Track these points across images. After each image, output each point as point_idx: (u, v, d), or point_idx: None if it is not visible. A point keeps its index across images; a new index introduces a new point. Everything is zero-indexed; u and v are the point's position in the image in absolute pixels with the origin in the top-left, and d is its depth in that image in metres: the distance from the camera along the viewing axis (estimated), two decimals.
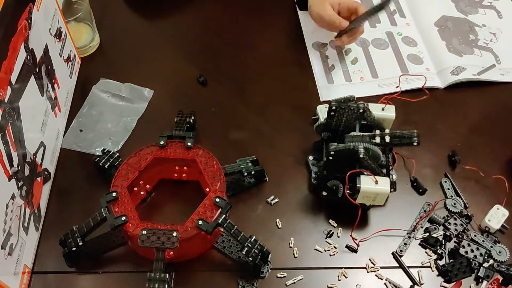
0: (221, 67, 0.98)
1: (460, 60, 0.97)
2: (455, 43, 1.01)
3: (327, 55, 1.00)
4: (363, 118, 0.76)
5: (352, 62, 0.99)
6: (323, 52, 1.01)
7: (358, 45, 1.01)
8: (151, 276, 0.66)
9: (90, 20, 0.98)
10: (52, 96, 0.82)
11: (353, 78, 0.96)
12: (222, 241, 0.76)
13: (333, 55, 1.00)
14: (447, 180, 0.82)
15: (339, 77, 0.97)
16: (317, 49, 1.01)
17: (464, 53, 0.99)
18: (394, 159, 0.83)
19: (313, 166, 0.82)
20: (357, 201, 0.71)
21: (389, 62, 0.99)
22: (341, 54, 1.00)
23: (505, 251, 0.74)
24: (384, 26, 1.05)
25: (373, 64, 0.98)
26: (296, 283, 0.73)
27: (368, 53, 1.00)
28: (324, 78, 0.96)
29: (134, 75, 0.96)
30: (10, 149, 0.65)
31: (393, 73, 0.97)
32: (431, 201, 0.80)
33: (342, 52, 1.01)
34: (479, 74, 0.95)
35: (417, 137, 0.71)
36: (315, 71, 0.97)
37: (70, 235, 0.71)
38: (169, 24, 1.06)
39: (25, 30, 0.71)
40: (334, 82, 0.96)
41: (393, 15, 1.07)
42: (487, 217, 0.77)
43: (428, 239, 0.76)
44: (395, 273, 0.74)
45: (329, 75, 0.97)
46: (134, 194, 0.78)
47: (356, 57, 1.00)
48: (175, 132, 0.79)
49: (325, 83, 0.95)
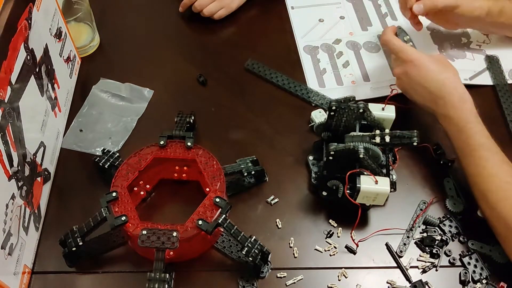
0: (221, 67, 0.98)
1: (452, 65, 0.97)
2: (447, 47, 1.00)
3: (318, 59, 0.99)
4: (363, 118, 0.76)
5: (343, 65, 0.98)
6: (314, 55, 1.00)
7: (349, 49, 1.01)
8: (151, 276, 0.66)
9: (90, 20, 0.98)
10: (52, 96, 0.82)
11: (345, 82, 0.96)
12: (222, 241, 0.76)
13: (324, 58, 0.99)
14: (450, 180, 0.82)
15: (331, 80, 0.96)
16: (308, 52, 1.01)
17: (456, 58, 0.98)
18: (396, 158, 0.82)
19: (313, 166, 0.82)
20: (357, 201, 0.71)
21: (380, 66, 0.98)
22: (332, 58, 0.99)
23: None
24: (376, 29, 1.04)
25: (365, 68, 0.98)
26: (296, 283, 0.73)
27: (359, 56, 1.00)
28: (315, 81, 0.96)
29: (134, 75, 0.96)
30: (10, 149, 0.65)
31: (385, 76, 0.96)
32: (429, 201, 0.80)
33: (333, 55, 1.00)
34: (471, 79, 0.94)
35: (417, 137, 0.71)
36: (307, 74, 0.97)
37: (70, 235, 0.71)
38: (169, 24, 1.06)
39: (25, 30, 0.71)
40: (325, 86, 0.95)
41: (385, 18, 1.06)
42: None
43: (424, 240, 0.76)
44: (395, 273, 0.74)
45: (321, 79, 0.96)
46: (134, 194, 0.78)
47: (347, 60, 0.99)
48: (175, 132, 0.79)
49: (316, 87, 0.95)
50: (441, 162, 0.83)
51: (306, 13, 1.08)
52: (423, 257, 0.75)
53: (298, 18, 1.06)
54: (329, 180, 0.75)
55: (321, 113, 0.88)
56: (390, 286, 0.73)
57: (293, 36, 1.03)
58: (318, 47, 1.01)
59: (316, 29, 1.05)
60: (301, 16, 1.07)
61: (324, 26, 1.06)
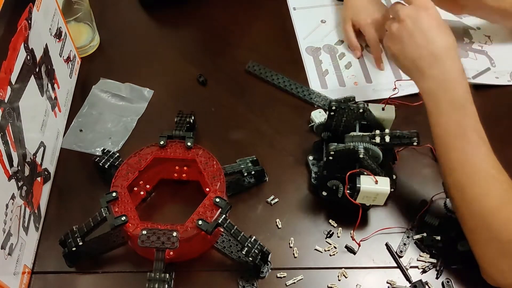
0: (221, 67, 0.98)
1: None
2: None
3: (321, 60, 0.99)
4: (363, 118, 0.76)
5: (346, 67, 0.98)
6: (316, 56, 1.00)
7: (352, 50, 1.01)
8: (151, 276, 0.66)
9: (90, 20, 0.98)
10: (52, 96, 0.82)
11: (347, 83, 0.96)
12: (222, 241, 0.76)
13: (326, 59, 0.99)
14: None
15: (333, 82, 0.96)
16: (310, 53, 1.01)
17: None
18: (395, 158, 0.82)
19: (313, 166, 0.82)
20: (357, 201, 0.71)
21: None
22: (334, 59, 0.99)
23: None
24: None
25: (367, 69, 0.98)
26: (296, 283, 0.73)
27: (362, 58, 1.00)
28: (318, 82, 0.95)
29: (134, 75, 0.96)
30: (10, 149, 0.65)
31: (387, 78, 0.96)
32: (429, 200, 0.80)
33: (336, 56, 1.00)
34: (474, 78, 0.94)
35: (417, 137, 0.71)
36: (309, 75, 0.97)
37: (70, 235, 0.71)
38: (169, 24, 1.06)
39: (25, 30, 0.71)
40: (328, 87, 0.95)
41: None
42: None
43: (424, 240, 0.76)
44: (395, 273, 0.74)
45: (323, 80, 0.96)
46: (134, 194, 0.78)
47: (350, 61, 0.99)
48: (175, 132, 0.79)
49: (319, 88, 0.95)
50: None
51: (308, 14, 1.08)
52: (423, 257, 0.75)
53: (300, 19, 1.06)
54: (329, 180, 0.75)
55: (321, 113, 0.88)
56: (390, 286, 0.73)
57: (295, 37, 1.03)
58: (320, 48, 1.01)
59: (318, 30, 1.05)
60: (303, 17, 1.07)
61: (326, 27, 1.06)
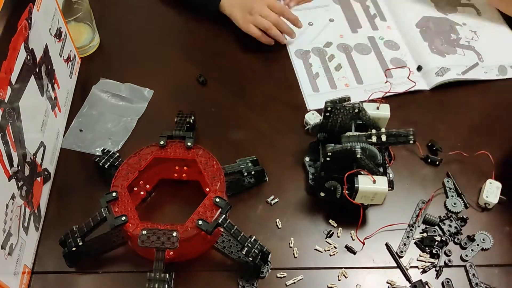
0: (221, 67, 0.98)
1: (444, 61, 0.97)
2: (437, 43, 1.00)
3: (310, 63, 0.99)
4: (359, 118, 0.76)
5: (336, 68, 0.98)
6: (306, 59, 1.00)
7: (341, 51, 1.01)
8: (151, 276, 0.66)
9: (90, 20, 0.98)
10: (52, 96, 0.82)
11: (338, 85, 0.95)
12: (222, 241, 0.76)
13: (316, 62, 0.99)
14: (450, 180, 0.82)
15: (324, 84, 0.96)
16: (300, 57, 1.00)
17: (447, 53, 0.99)
18: (391, 157, 0.83)
19: (310, 167, 0.82)
20: (355, 201, 0.71)
21: (373, 67, 0.98)
22: (324, 61, 0.99)
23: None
24: (366, 31, 1.04)
25: (357, 70, 0.98)
26: (296, 283, 0.73)
27: (351, 59, 0.99)
28: (309, 86, 0.95)
29: (134, 75, 0.96)
30: (10, 149, 0.65)
31: (378, 78, 0.96)
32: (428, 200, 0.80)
33: (325, 58, 0.99)
34: (464, 73, 0.95)
35: (413, 136, 0.71)
36: (300, 79, 0.96)
37: (70, 235, 0.71)
38: (169, 24, 1.06)
39: (25, 30, 0.71)
40: (319, 90, 0.95)
41: (374, 19, 1.06)
42: (484, 193, 0.78)
43: (424, 240, 0.76)
44: (395, 273, 0.74)
45: (314, 83, 0.96)
46: (134, 194, 0.78)
47: (339, 63, 0.99)
48: (175, 132, 0.79)
49: (310, 92, 0.94)
50: (428, 160, 0.84)
51: None
52: (423, 257, 0.75)
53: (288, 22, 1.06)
54: (327, 181, 0.75)
55: (314, 114, 0.88)
56: (390, 286, 0.73)
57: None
58: (309, 51, 1.01)
59: (306, 33, 1.04)
60: None
61: (314, 29, 1.05)
